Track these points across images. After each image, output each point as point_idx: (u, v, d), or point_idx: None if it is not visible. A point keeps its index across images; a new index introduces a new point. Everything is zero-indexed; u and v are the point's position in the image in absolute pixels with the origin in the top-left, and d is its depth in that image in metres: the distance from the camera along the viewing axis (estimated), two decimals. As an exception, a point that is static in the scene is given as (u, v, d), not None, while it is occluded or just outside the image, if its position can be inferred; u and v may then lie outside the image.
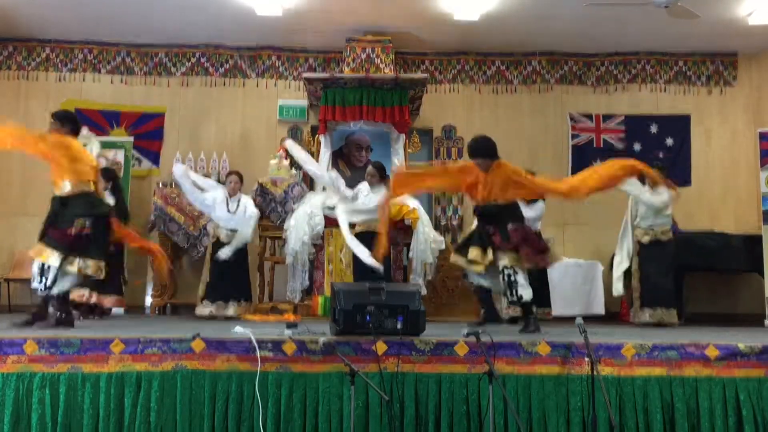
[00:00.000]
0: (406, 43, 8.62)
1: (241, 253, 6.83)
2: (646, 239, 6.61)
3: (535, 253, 5.22)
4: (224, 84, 8.85)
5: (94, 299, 6.52)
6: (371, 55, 8.16)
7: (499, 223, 5.24)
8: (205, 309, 6.65)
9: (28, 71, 8.76)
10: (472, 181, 5.33)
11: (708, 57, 8.93)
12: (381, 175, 6.58)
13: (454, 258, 5.49)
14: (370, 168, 6.71)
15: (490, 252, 5.22)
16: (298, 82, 8.71)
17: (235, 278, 6.75)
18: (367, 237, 6.34)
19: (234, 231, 6.74)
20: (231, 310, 6.68)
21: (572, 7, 7.49)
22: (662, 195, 6.58)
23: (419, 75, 8.07)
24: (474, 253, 5.25)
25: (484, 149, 5.31)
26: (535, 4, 7.57)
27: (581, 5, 7.24)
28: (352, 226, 6.54)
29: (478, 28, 8.16)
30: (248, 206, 6.82)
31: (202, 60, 8.86)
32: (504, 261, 5.16)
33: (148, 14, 8.00)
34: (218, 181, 7.99)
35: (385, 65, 8.12)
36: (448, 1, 7.52)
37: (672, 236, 6.69)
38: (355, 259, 6.43)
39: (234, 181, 6.90)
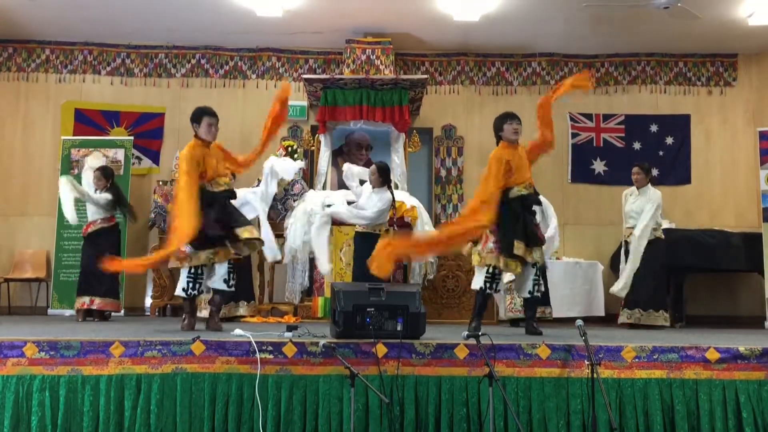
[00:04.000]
0: (406, 44, 8.62)
1: None
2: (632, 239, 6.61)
3: None
4: (224, 85, 8.86)
5: (95, 305, 6.54)
6: (371, 57, 8.16)
7: (532, 215, 5.16)
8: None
9: (28, 72, 8.77)
10: (507, 167, 5.09)
11: (708, 58, 8.94)
12: (383, 177, 6.16)
13: (503, 263, 5.02)
14: (372, 167, 6.30)
15: (534, 250, 5.03)
16: (299, 83, 8.71)
17: (240, 278, 6.71)
18: (368, 238, 6.31)
19: None
20: (242, 309, 6.67)
21: (572, 9, 7.51)
22: (645, 213, 6.53)
23: (419, 76, 8.07)
24: (519, 247, 4.95)
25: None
26: (535, 6, 7.57)
27: (581, 7, 7.25)
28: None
29: (478, 30, 8.16)
30: (247, 194, 6.75)
31: (202, 61, 8.87)
32: (537, 255, 5.05)
33: (148, 16, 8.00)
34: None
35: (385, 66, 8.13)
36: (448, 2, 7.51)
37: (661, 236, 6.65)
38: (356, 258, 6.42)
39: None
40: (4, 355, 3.87)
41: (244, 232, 5.04)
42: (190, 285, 5.03)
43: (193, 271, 5.02)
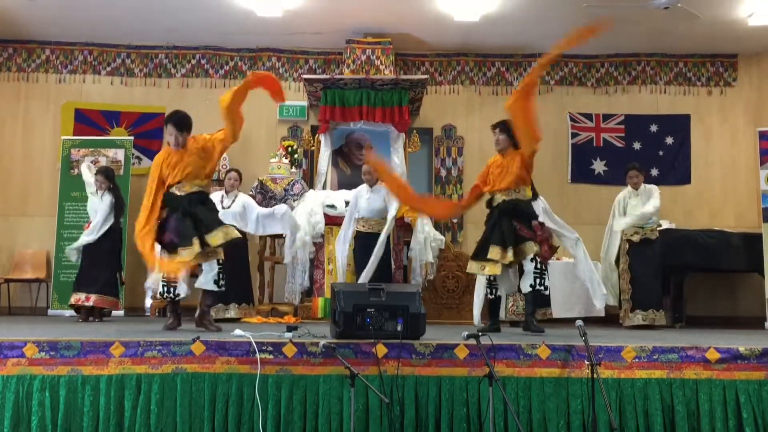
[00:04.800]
0: (406, 44, 8.62)
1: (241, 253, 6.84)
2: (636, 238, 6.70)
3: (549, 252, 5.23)
4: (224, 85, 8.82)
5: (91, 302, 6.53)
6: (371, 57, 8.17)
7: (523, 218, 5.21)
8: None
9: (28, 73, 8.77)
10: (485, 177, 5.37)
11: (708, 58, 8.94)
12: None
13: (471, 267, 5.30)
14: (365, 167, 6.58)
15: (510, 251, 5.10)
16: (299, 83, 8.72)
17: (234, 280, 6.73)
18: (370, 238, 6.34)
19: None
20: (231, 312, 6.68)
21: (572, 9, 7.50)
22: (654, 199, 6.65)
23: (419, 76, 8.08)
24: (494, 252, 5.09)
25: (511, 129, 5.29)
26: (535, 6, 7.58)
27: (581, 6, 7.25)
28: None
29: (478, 30, 8.16)
30: (247, 204, 6.74)
31: (202, 61, 8.87)
32: (534, 250, 5.11)
33: (148, 16, 8.00)
34: (218, 179, 8.09)
35: (385, 66, 8.13)
36: (449, 2, 7.51)
37: (658, 235, 6.75)
38: (357, 259, 6.44)
39: (233, 178, 6.93)
40: (4, 355, 3.87)
41: (214, 239, 4.90)
42: (165, 290, 5.08)
43: (165, 275, 5.03)
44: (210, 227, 4.90)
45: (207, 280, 5.09)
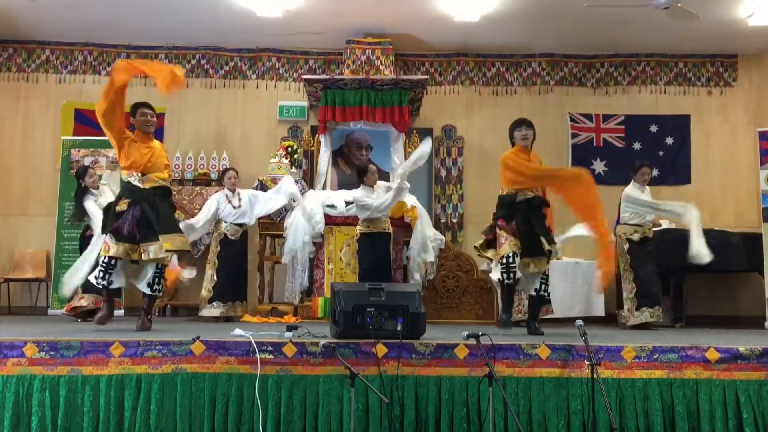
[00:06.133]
0: (406, 44, 8.62)
1: (243, 252, 6.94)
2: (636, 237, 6.69)
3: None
4: (224, 86, 8.85)
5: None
6: (371, 57, 8.17)
7: (541, 215, 5.29)
8: (215, 310, 6.65)
9: (28, 73, 8.77)
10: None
11: (708, 58, 8.94)
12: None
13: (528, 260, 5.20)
14: (373, 167, 6.64)
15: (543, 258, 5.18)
16: (298, 84, 8.72)
17: (238, 278, 6.78)
18: (374, 237, 6.34)
19: (240, 225, 6.80)
20: (240, 309, 6.76)
21: (572, 9, 7.50)
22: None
23: (419, 76, 8.07)
24: (546, 244, 5.14)
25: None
26: (535, 6, 7.57)
27: (581, 7, 7.25)
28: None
29: (478, 30, 8.16)
30: (252, 195, 6.91)
31: (203, 62, 8.87)
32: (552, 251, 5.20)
33: (148, 16, 8.00)
34: (219, 179, 8.10)
35: (385, 67, 8.13)
36: (448, 2, 7.51)
37: (653, 233, 6.83)
38: (361, 258, 6.44)
39: (233, 176, 6.97)
40: (4, 355, 3.87)
41: (167, 243, 4.98)
42: (101, 275, 5.03)
43: (107, 261, 5.00)
44: (167, 230, 5.00)
45: (142, 283, 5.14)
